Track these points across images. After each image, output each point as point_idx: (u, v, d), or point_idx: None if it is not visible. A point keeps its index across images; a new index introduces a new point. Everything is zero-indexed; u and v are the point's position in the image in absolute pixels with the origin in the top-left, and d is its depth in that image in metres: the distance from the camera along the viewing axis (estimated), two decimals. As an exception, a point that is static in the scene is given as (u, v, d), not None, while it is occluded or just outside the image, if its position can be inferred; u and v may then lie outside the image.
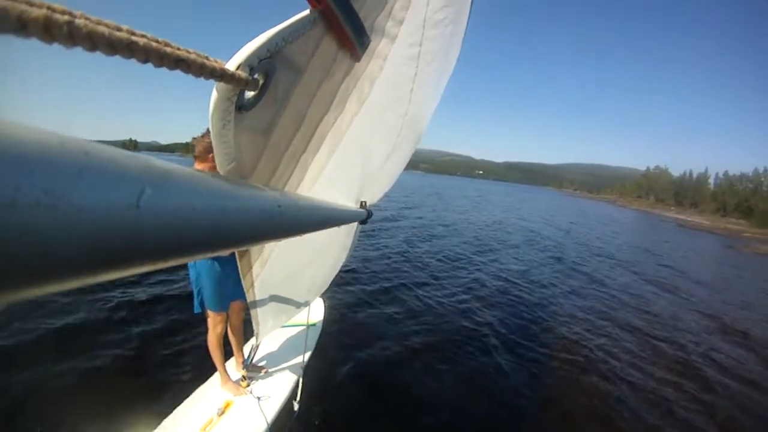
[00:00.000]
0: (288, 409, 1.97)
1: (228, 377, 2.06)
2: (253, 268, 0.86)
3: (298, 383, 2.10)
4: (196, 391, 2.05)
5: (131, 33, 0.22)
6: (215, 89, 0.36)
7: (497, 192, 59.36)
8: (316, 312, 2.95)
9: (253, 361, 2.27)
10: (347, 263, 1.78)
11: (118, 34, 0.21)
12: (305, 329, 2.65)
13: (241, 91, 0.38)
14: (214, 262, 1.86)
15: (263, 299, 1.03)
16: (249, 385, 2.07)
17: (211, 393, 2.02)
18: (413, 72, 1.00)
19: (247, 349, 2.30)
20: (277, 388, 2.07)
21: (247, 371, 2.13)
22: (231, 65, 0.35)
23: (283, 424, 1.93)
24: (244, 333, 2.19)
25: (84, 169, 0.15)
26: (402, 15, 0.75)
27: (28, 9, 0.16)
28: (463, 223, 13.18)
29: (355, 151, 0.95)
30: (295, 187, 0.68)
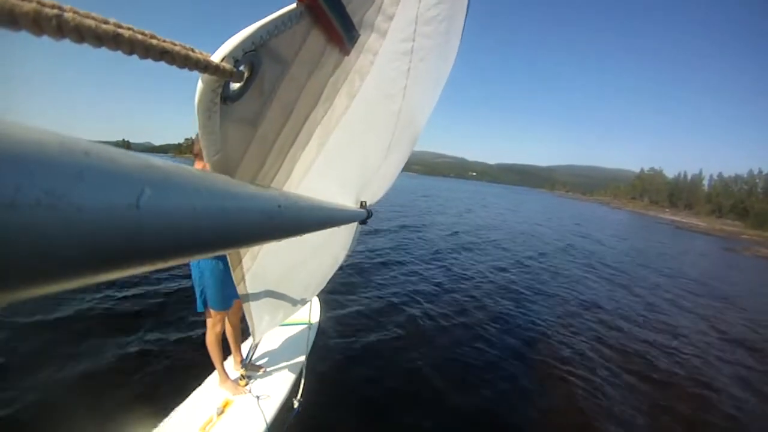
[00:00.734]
0: (287, 407, 1.98)
1: (227, 376, 2.06)
2: (243, 261, 0.85)
3: (297, 382, 2.10)
4: (195, 390, 2.05)
5: (117, 26, 0.23)
6: (200, 81, 0.36)
7: (492, 194, 58.81)
8: (313, 311, 2.95)
9: (252, 360, 2.27)
10: (345, 262, 1.78)
11: (105, 26, 0.22)
12: (303, 328, 2.64)
13: (227, 83, 0.39)
14: (219, 261, 1.85)
15: (256, 294, 1.02)
16: (248, 384, 2.07)
17: (210, 392, 2.02)
18: (406, 67, 1.00)
19: (245, 348, 2.30)
20: (276, 387, 2.07)
21: (246, 370, 2.14)
22: (216, 57, 0.35)
23: (282, 422, 1.93)
24: (242, 332, 2.19)
25: (84, 169, 0.15)
26: (392, 10, 0.75)
27: (20, 4, 0.17)
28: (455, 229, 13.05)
29: (349, 147, 0.95)
30: (284, 179, 0.68)
